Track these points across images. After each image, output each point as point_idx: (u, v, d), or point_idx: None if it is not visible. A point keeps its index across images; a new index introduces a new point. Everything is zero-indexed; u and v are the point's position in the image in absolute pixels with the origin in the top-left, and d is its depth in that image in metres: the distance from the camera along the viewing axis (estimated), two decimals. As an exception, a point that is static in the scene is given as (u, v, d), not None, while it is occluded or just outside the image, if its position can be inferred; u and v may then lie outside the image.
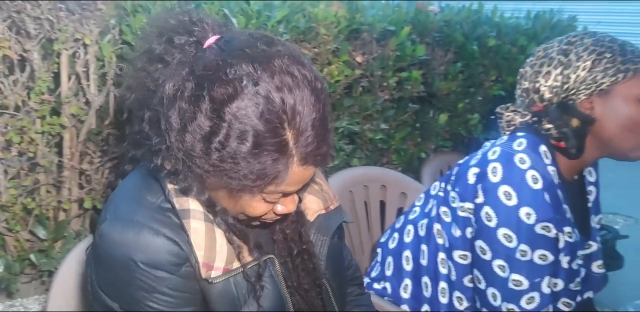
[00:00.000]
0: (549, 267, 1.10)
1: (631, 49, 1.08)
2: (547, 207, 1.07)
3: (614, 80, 1.07)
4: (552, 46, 1.14)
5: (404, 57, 1.88)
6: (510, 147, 1.13)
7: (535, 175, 1.08)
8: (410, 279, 1.27)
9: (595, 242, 1.28)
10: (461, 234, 1.17)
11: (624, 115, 1.08)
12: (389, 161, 1.93)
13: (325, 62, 1.73)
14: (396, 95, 1.90)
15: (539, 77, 1.13)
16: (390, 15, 1.88)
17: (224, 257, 0.85)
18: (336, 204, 1.01)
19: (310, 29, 1.68)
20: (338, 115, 1.78)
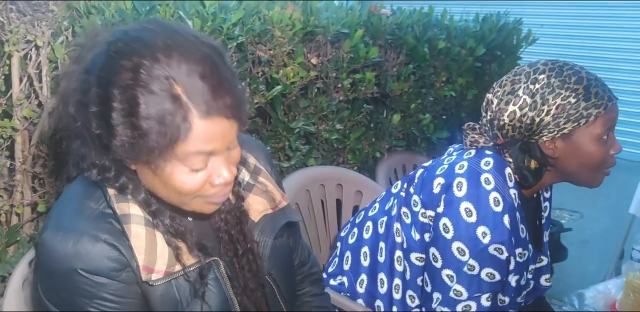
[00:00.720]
0: (494, 285, 1.16)
1: (595, 90, 1.11)
2: (504, 231, 1.12)
3: (576, 125, 1.12)
4: (520, 81, 1.15)
5: (357, 59, 1.92)
6: (478, 165, 1.17)
7: (498, 197, 1.13)
8: (366, 275, 1.31)
9: (546, 256, 1.35)
10: (420, 238, 1.22)
11: (585, 155, 1.14)
12: (345, 160, 1.97)
13: (281, 64, 1.76)
14: (351, 96, 1.94)
15: (504, 115, 1.16)
16: (344, 18, 1.92)
17: (165, 260, 0.86)
18: (284, 203, 1.03)
19: (265, 32, 1.70)
20: (294, 116, 1.81)
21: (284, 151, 1.80)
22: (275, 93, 1.73)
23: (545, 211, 1.36)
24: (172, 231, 0.88)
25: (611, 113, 1.14)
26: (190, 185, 0.82)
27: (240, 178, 1.00)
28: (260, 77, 1.73)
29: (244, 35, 1.64)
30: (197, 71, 0.77)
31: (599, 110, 1.11)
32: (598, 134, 1.13)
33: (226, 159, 0.83)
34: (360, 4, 2.16)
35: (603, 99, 1.12)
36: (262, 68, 1.73)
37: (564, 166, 1.17)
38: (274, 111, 1.76)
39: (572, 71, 1.14)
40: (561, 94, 1.11)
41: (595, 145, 1.13)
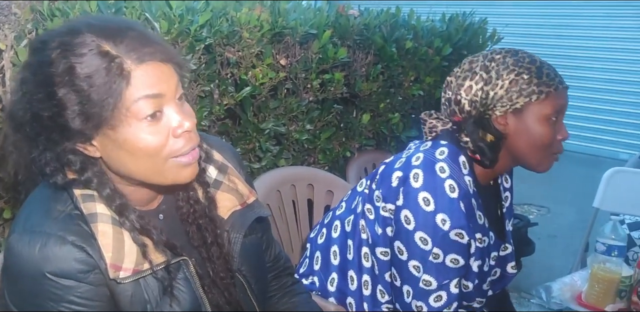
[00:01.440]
0: (459, 271, 1.19)
1: (547, 71, 1.18)
2: (461, 216, 1.15)
3: (527, 101, 1.16)
4: (477, 60, 1.22)
5: (326, 59, 1.94)
6: (433, 155, 1.21)
7: (453, 184, 1.17)
8: (337, 273, 1.33)
9: (510, 244, 1.38)
10: (382, 232, 1.24)
11: (533, 134, 1.18)
12: (316, 160, 1.98)
13: (250, 65, 1.76)
14: (320, 96, 1.96)
15: (461, 90, 1.21)
16: (312, 19, 1.93)
17: (133, 258, 0.86)
18: (253, 199, 1.03)
19: (233, 33, 1.70)
20: (264, 117, 1.81)
21: (255, 152, 1.80)
22: (245, 94, 1.73)
23: (506, 201, 1.40)
24: (138, 227, 0.88)
25: (561, 97, 1.18)
26: (153, 140, 0.83)
27: (208, 174, 1.01)
28: (229, 79, 1.73)
29: (212, 36, 1.64)
30: (118, 29, 0.83)
31: (549, 89, 1.16)
32: (547, 114, 1.17)
33: (180, 110, 0.86)
34: (328, 4, 2.18)
35: (554, 80, 1.17)
36: (230, 69, 1.74)
37: (513, 144, 1.21)
38: (243, 112, 1.76)
39: (526, 54, 1.21)
40: (515, 70, 1.17)
41: (544, 125, 1.18)
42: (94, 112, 0.79)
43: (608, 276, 1.78)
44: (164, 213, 0.98)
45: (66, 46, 0.80)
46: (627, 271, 1.80)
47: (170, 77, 0.84)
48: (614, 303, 1.79)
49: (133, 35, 0.82)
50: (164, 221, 0.97)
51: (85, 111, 0.80)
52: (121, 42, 0.81)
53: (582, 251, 2.03)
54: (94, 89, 0.79)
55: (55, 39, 0.82)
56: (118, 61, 0.80)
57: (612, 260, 1.78)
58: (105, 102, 0.79)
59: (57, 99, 0.80)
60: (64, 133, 0.82)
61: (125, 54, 0.80)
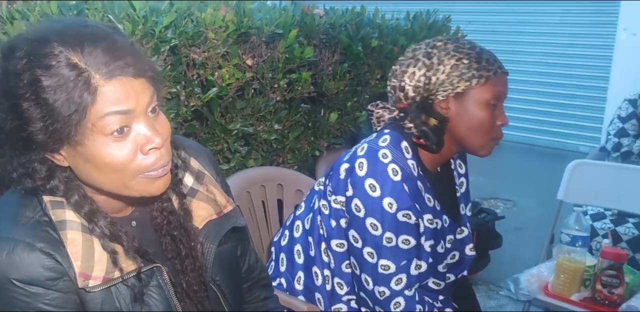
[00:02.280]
0: (413, 251, 1.24)
1: (487, 56, 1.23)
2: (406, 197, 1.20)
3: (468, 85, 1.21)
4: (420, 48, 1.26)
5: (292, 59, 1.94)
6: (376, 143, 1.26)
7: (395, 168, 1.21)
8: (302, 271, 1.36)
9: (466, 227, 1.42)
10: (336, 224, 1.29)
11: (473, 118, 1.23)
12: (285, 160, 1.98)
13: (216, 66, 1.75)
14: (288, 96, 1.96)
15: (405, 77, 1.25)
16: (278, 19, 1.93)
17: (104, 266, 0.85)
18: (229, 208, 1.02)
19: (199, 34, 1.69)
20: (232, 117, 1.81)
21: (223, 153, 1.79)
22: (211, 95, 1.72)
23: (461, 187, 1.45)
24: (108, 234, 0.86)
25: (500, 83, 1.23)
26: (120, 156, 0.81)
27: (184, 183, 0.99)
28: (195, 80, 1.72)
29: (176, 38, 1.63)
30: (89, 39, 0.79)
31: (489, 73, 1.21)
32: (487, 98, 1.22)
33: (151, 125, 0.83)
34: (294, 4, 2.18)
35: (493, 65, 1.22)
36: (196, 70, 1.72)
37: (455, 128, 1.26)
38: (210, 113, 1.75)
39: (467, 41, 1.26)
40: (455, 56, 1.22)
41: (483, 109, 1.22)
42: (58, 128, 0.77)
43: (573, 266, 1.83)
44: (137, 220, 0.96)
45: (33, 56, 0.77)
46: (590, 261, 1.86)
47: (141, 92, 0.80)
48: (579, 292, 1.84)
49: (104, 46, 0.78)
50: (137, 228, 0.95)
51: (48, 126, 0.77)
52: (90, 54, 0.77)
53: (547, 242, 2.08)
54: (58, 104, 0.76)
55: (23, 46, 0.78)
56: (86, 75, 0.76)
57: (577, 250, 1.84)
58: (70, 118, 0.76)
59: (20, 111, 0.77)
60: (28, 145, 0.80)
61: (94, 68, 0.77)
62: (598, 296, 1.78)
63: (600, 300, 1.78)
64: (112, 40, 0.80)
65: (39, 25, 0.84)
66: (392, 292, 1.22)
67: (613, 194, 2.07)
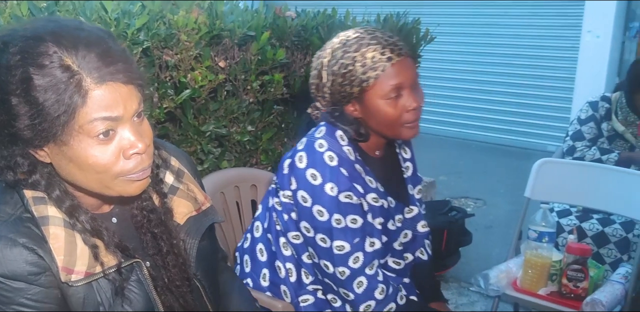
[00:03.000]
0: (363, 229, 1.30)
1: (372, 55, 1.24)
2: (345, 180, 1.27)
3: (360, 89, 1.26)
4: (319, 56, 1.32)
5: (265, 61, 1.96)
6: (313, 136, 1.33)
7: (331, 155, 1.28)
8: (267, 268, 1.41)
9: (416, 206, 1.47)
10: (288, 217, 1.34)
11: (377, 115, 1.29)
12: (258, 161, 2.00)
13: (189, 68, 1.76)
14: (260, 97, 1.98)
15: (312, 88, 1.34)
16: (250, 21, 1.95)
17: (86, 261, 0.86)
18: (208, 205, 1.05)
19: (171, 36, 1.70)
20: (204, 119, 1.82)
21: (196, 155, 1.80)
22: (185, 97, 1.73)
23: (407, 170, 1.50)
24: (89, 228, 0.87)
25: (396, 74, 1.25)
26: (103, 158, 0.82)
27: (165, 181, 1.01)
28: (168, 82, 1.73)
29: (149, 40, 1.63)
30: (84, 43, 0.79)
31: (376, 72, 1.24)
32: (384, 94, 1.26)
33: (136, 130, 0.84)
34: (265, 6, 2.20)
35: (380, 61, 1.24)
36: (169, 72, 1.73)
37: (368, 125, 1.32)
38: (184, 115, 1.76)
39: (355, 39, 1.26)
40: (343, 64, 1.25)
41: (385, 104, 1.27)
42: (45, 127, 0.78)
43: (540, 261, 1.89)
44: (117, 217, 0.97)
45: (27, 54, 0.77)
46: (557, 256, 1.92)
47: (129, 99, 0.81)
48: (546, 286, 1.90)
49: (98, 51, 0.79)
50: (118, 225, 0.97)
51: (36, 125, 0.78)
52: (84, 58, 0.78)
53: (515, 239, 2.13)
54: (48, 104, 0.77)
55: (18, 43, 0.78)
56: (78, 78, 0.77)
57: (544, 246, 1.89)
58: (58, 118, 0.77)
59: (9, 106, 0.78)
60: (12, 139, 0.81)
61: (86, 71, 0.78)
62: (564, 289, 1.84)
63: (566, 294, 1.84)
64: (106, 46, 0.81)
65: (34, 23, 0.83)
66: (352, 271, 1.28)
67: (578, 191, 2.14)
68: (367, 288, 1.29)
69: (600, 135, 2.48)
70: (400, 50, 1.25)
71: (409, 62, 1.27)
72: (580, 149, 2.45)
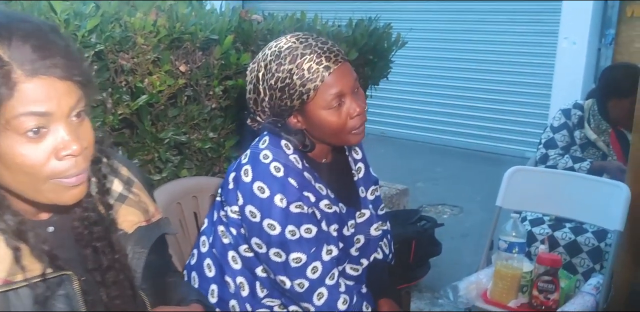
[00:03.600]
0: (319, 238, 1.24)
1: (309, 65, 1.18)
2: (294, 190, 1.21)
3: (301, 102, 1.21)
4: (252, 70, 1.26)
5: (229, 65, 1.89)
6: (257, 147, 1.28)
7: (277, 165, 1.23)
8: (215, 284, 1.35)
9: (368, 209, 1.42)
10: (237, 232, 1.28)
11: (320, 125, 1.24)
12: (221, 169, 1.93)
13: (146, 73, 1.69)
14: (224, 103, 1.91)
15: (250, 103, 1.28)
16: (213, 24, 1.88)
17: (5, 267, 0.80)
18: (158, 216, 1.00)
19: (127, 39, 1.62)
20: (163, 126, 1.74)
21: (154, 163, 1.73)
22: (141, 103, 1.66)
23: (359, 172, 1.45)
24: (13, 228, 0.81)
25: (332, 83, 1.19)
26: (31, 158, 0.76)
27: (113, 189, 0.96)
28: (123, 87, 1.65)
29: (102, 43, 1.56)
30: (21, 34, 0.75)
31: (315, 83, 1.18)
32: (324, 104, 1.21)
33: (72, 131, 0.79)
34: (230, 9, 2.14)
35: (317, 71, 1.18)
36: (125, 77, 1.66)
37: (314, 135, 1.28)
38: (140, 122, 1.69)
39: (288, 50, 1.20)
40: (280, 78, 1.20)
41: (327, 114, 1.22)
42: None
43: (510, 272, 1.84)
44: (55, 226, 0.91)
45: None
46: (528, 267, 1.87)
47: (65, 95, 0.76)
48: (517, 298, 1.85)
49: (35, 44, 0.75)
50: (54, 234, 0.90)
51: None
52: (17, 48, 0.74)
53: (487, 249, 2.09)
54: None
55: None
56: (7, 69, 0.73)
57: (514, 257, 1.85)
58: None
59: None
60: None
61: (17, 62, 0.74)
62: (534, 301, 1.80)
63: (536, 306, 1.79)
64: (45, 39, 0.77)
65: None
66: (310, 282, 1.22)
67: (550, 200, 2.10)
68: (329, 299, 1.24)
69: (573, 143, 2.45)
70: (336, 57, 1.20)
71: (347, 67, 1.22)
72: (553, 157, 2.42)
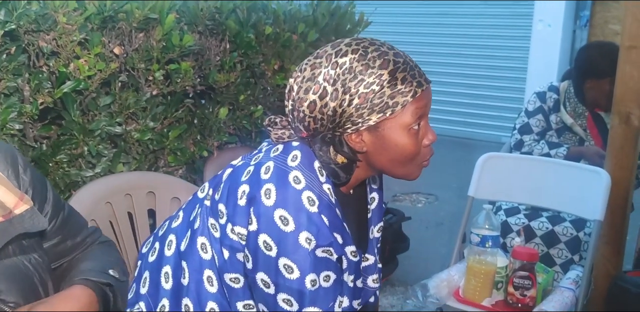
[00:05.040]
0: (336, 288, 1.02)
1: (403, 75, 0.99)
2: (326, 231, 0.98)
3: (382, 116, 0.98)
4: (320, 65, 1.00)
5: (171, 47, 1.71)
6: (285, 162, 1.01)
7: (311, 196, 0.98)
8: (168, 299, 1.11)
9: (373, 255, 1.22)
10: (230, 256, 1.03)
11: (394, 149, 1.02)
12: (166, 163, 1.75)
13: (72, 56, 1.50)
14: (166, 90, 1.72)
15: (303, 105, 1.00)
16: (152, 2, 1.69)
17: None
18: (25, 207, 0.86)
19: (45, 18, 1.43)
20: (93, 116, 1.55)
21: (85, 158, 1.54)
22: (66, 90, 1.46)
23: (372, 203, 1.23)
24: None
25: (422, 100, 1.01)
26: None
27: None
28: (44, 72, 1.46)
29: (14, 21, 1.36)
30: None
31: (406, 98, 0.98)
32: (407, 124, 1.00)
33: None
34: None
35: (411, 85, 0.99)
36: (46, 61, 1.46)
37: (374, 161, 1.05)
38: (66, 111, 1.49)
39: (377, 53, 1.00)
40: (364, 80, 0.97)
41: (406, 137, 1.01)
42: None
43: (484, 268, 1.70)
44: None
45: None
46: (502, 261, 1.73)
47: None
48: (491, 296, 1.72)
49: None
50: None
51: None
52: None
53: (458, 242, 1.95)
54: None
55: None
56: None
57: (487, 251, 1.70)
58: None
59: None
60: None
61: None
62: (510, 299, 1.66)
63: (512, 303, 1.66)
64: None
65: None
66: None
67: (525, 188, 1.96)
68: None
69: (549, 128, 2.31)
70: (425, 75, 1.03)
71: (431, 90, 1.04)
72: (528, 143, 2.28)
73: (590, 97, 2.26)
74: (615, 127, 1.89)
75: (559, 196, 1.89)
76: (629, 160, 1.88)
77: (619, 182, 1.86)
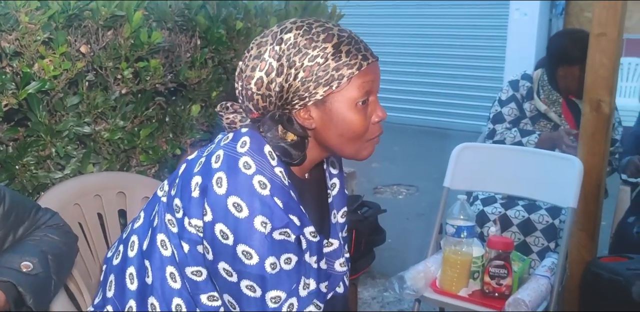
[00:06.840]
0: (298, 270, 1.01)
1: (347, 48, 0.99)
2: (280, 213, 0.97)
3: (328, 90, 0.98)
4: (266, 42, 1.00)
5: (139, 45, 1.68)
6: (234, 149, 1.00)
7: (262, 180, 0.98)
8: (134, 300, 1.10)
9: (337, 239, 1.22)
10: (190, 249, 1.03)
11: (343, 124, 1.01)
12: (138, 162, 1.73)
13: (36, 56, 1.47)
14: (135, 88, 1.70)
15: (251, 83, 1.00)
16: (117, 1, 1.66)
17: None
18: None
19: (6, 17, 1.40)
20: (61, 116, 1.53)
21: (53, 159, 1.52)
22: (30, 91, 1.44)
23: (333, 189, 1.23)
24: None
25: (368, 75, 1.01)
26: None
27: None
28: (7, 73, 1.43)
29: (-28, 21, 1.33)
30: None
31: (351, 70, 0.99)
32: (354, 98, 1.00)
33: None
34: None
35: (356, 58, 0.99)
36: (8, 62, 1.43)
37: (323, 138, 1.04)
38: (31, 112, 1.47)
39: (322, 28, 1.00)
40: (308, 54, 0.97)
41: (353, 112, 1.01)
42: None
43: (460, 258, 1.71)
44: None
45: None
46: (478, 251, 1.74)
47: None
48: (467, 286, 1.73)
49: None
50: None
51: None
52: None
53: (435, 234, 1.96)
54: None
55: None
56: None
57: (462, 242, 1.72)
58: None
59: None
60: None
61: None
62: (487, 288, 1.68)
63: (489, 293, 1.67)
64: None
65: None
66: None
67: (500, 177, 1.97)
68: None
69: (523, 116, 2.33)
70: (371, 50, 1.03)
71: (378, 67, 1.04)
72: (501, 132, 2.29)
73: (563, 84, 2.28)
74: (586, 115, 1.91)
75: (533, 185, 1.91)
76: (600, 147, 1.90)
77: (592, 169, 1.88)
